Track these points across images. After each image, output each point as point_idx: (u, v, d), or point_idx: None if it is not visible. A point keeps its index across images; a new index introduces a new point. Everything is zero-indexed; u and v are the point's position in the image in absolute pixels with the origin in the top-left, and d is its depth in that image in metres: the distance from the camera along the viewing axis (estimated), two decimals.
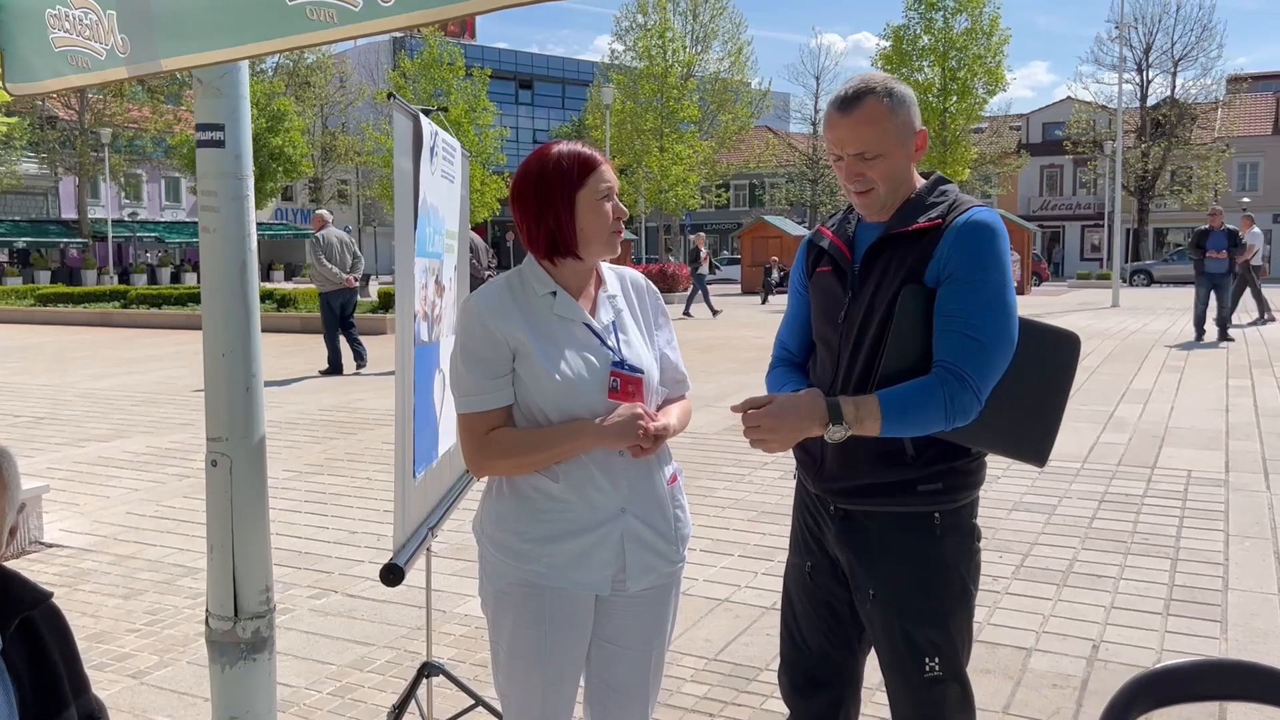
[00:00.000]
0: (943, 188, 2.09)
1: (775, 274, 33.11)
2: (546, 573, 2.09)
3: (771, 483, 6.62)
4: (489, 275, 11.37)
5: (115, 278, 44.22)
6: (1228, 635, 4.01)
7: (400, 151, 2.57)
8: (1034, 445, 2.07)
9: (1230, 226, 15.42)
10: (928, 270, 2.00)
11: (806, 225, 48.77)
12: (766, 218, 40.03)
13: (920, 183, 2.12)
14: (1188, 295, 26.72)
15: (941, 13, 35.34)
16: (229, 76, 2.63)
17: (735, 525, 5.61)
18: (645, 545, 2.13)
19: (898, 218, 2.07)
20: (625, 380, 2.10)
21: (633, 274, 2.29)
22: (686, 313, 23.26)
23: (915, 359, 1.99)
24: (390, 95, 2.57)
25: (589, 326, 2.11)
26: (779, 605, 4.41)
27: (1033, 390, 2.04)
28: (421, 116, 2.66)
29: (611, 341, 2.13)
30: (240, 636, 2.61)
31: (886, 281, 2.03)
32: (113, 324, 21.96)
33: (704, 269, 23.71)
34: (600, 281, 2.19)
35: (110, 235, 46.74)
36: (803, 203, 55.51)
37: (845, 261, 2.13)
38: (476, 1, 2.05)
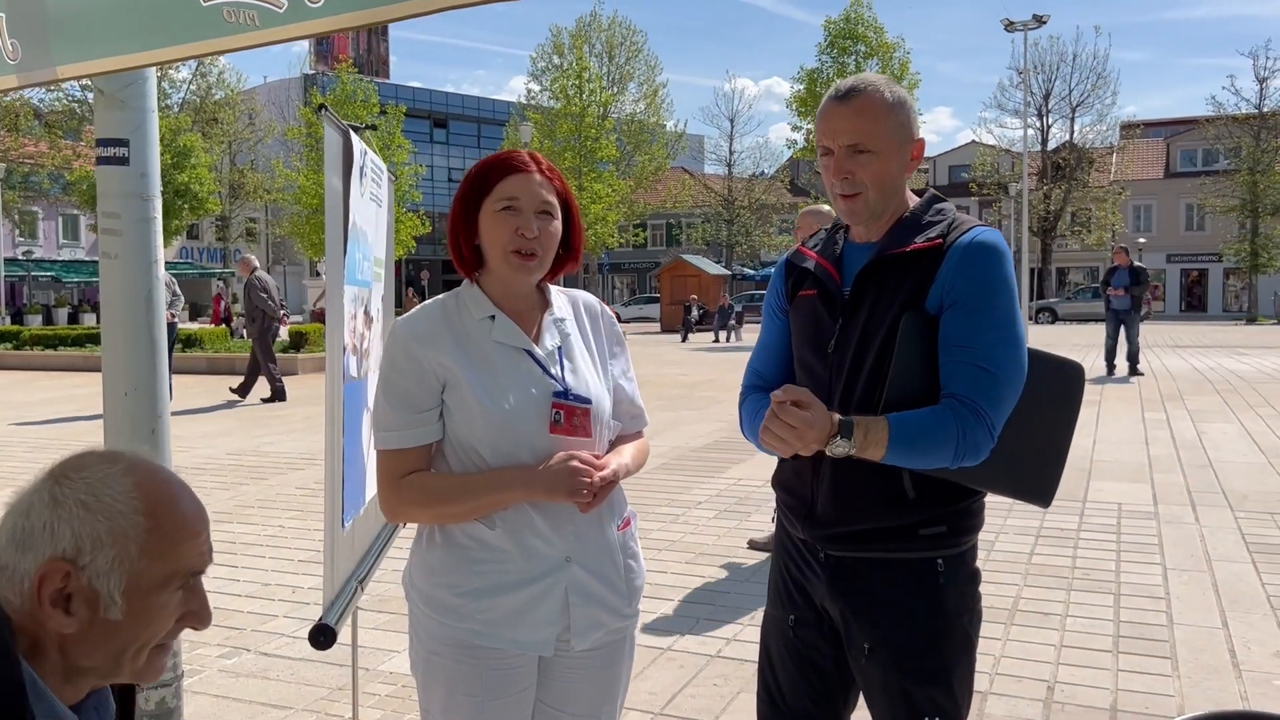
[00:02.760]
0: (939, 206, 1.94)
1: (695, 312, 33.27)
2: (483, 631, 1.87)
3: (707, 523, 6.44)
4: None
5: (7, 318, 42.31)
6: (1179, 672, 3.94)
7: (330, 169, 2.36)
8: (1038, 484, 1.91)
9: (1138, 264, 15.95)
10: (929, 295, 1.83)
11: (724, 264, 49.24)
12: (685, 256, 40.30)
13: (914, 200, 1.96)
14: (1093, 331, 27.65)
15: (854, 57, 36.14)
16: (134, 87, 2.40)
17: (673, 569, 5.41)
18: (592, 598, 1.92)
19: (891, 237, 1.90)
20: (569, 412, 1.89)
21: (586, 297, 2.08)
22: None
23: (919, 393, 1.82)
24: (321, 107, 2.36)
25: (530, 354, 1.91)
26: (724, 652, 4.26)
27: (1036, 424, 1.89)
28: (351, 133, 2.45)
29: (555, 370, 1.91)
30: (142, 708, 2.35)
31: (882, 307, 1.86)
32: (5, 367, 20.88)
33: None
34: (546, 304, 1.98)
35: (3, 274, 44.80)
36: (719, 242, 56.06)
37: (834, 284, 1.95)
38: (408, 5, 1.86)
